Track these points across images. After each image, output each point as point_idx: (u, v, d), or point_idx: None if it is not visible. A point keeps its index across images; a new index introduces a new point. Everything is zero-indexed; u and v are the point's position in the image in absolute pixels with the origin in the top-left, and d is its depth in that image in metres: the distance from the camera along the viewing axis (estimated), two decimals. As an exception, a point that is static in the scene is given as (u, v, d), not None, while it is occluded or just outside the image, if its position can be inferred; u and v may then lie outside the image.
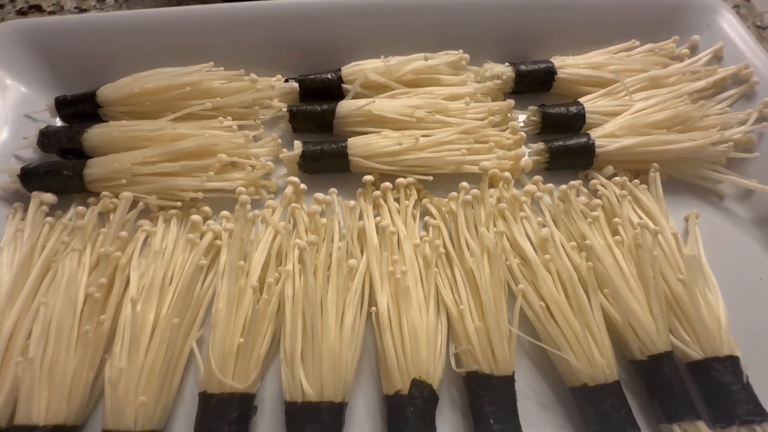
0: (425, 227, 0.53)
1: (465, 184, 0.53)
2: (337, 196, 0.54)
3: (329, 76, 0.63)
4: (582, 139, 0.57)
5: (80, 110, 0.62)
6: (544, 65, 0.64)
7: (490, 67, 0.65)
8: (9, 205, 0.55)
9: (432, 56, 0.63)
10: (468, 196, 0.51)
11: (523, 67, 0.64)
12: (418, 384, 0.42)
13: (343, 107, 0.59)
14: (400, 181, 0.55)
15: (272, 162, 0.59)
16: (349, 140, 0.57)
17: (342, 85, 0.63)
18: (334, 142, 0.57)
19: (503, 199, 0.53)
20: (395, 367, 0.42)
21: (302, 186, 0.55)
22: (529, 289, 0.47)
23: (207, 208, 0.54)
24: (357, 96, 0.61)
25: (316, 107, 0.60)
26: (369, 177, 0.54)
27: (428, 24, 0.66)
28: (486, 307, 0.45)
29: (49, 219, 0.53)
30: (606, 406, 0.41)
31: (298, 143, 0.57)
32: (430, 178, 0.55)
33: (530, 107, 0.62)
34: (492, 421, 0.40)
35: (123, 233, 0.50)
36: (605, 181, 0.56)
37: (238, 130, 0.59)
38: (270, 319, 0.45)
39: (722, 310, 0.46)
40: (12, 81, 0.62)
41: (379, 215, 0.53)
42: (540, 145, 0.58)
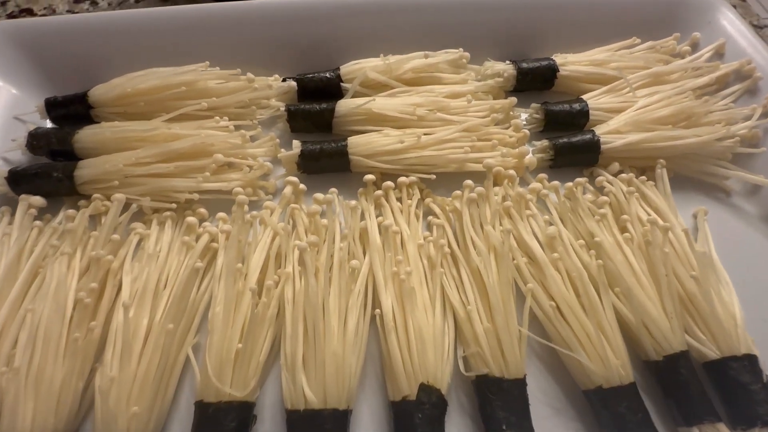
0: (429, 227, 0.52)
1: (469, 182, 0.51)
2: (338, 196, 0.52)
3: (328, 74, 0.62)
4: (587, 136, 0.56)
5: (71, 112, 0.60)
6: (546, 63, 0.63)
7: (491, 65, 0.64)
8: (-4, 209, 0.53)
9: (432, 55, 0.62)
10: (473, 193, 0.50)
11: (524, 65, 0.63)
12: (426, 389, 0.40)
13: (343, 106, 0.58)
14: (402, 180, 0.53)
15: (270, 163, 0.58)
16: (350, 139, 0.55)
17: (341, 84, 0.62)
18: (333, 141, 0.56)
19: (508, 198, 0.52)
20: (401, 372, 0.41)
21: (301, 186, 0.54)
22: (538, 289, 0.45)
23: (203, 210, 0.52)
24: (356, 95, 0.60)
25: (315, 106, 0.59)
26: (370, 176, 0.53)
27: (427, 23, 0.65)
28: (494, 307, 0.43)
29: (38, 223, 0.51)
30: (622, 409, 0.40)
31: (296, 142, 0.56)
32: (433, 176, 0.54)
33: (533, 105, 0.61)
34: (504, 427, 0.39)
35: (115, 236, 0.48)
36: (612, 178, 0.54)
37: (235, 130, 0.57)
38: (269, 323, 0.43)
39: (737, 308, 0.45)
40: (2, 83, 0.61)
41: (381, 215, 0.51)
42: (544, 143, 0.57)
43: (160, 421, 0.41)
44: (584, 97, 0.61)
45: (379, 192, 0.52)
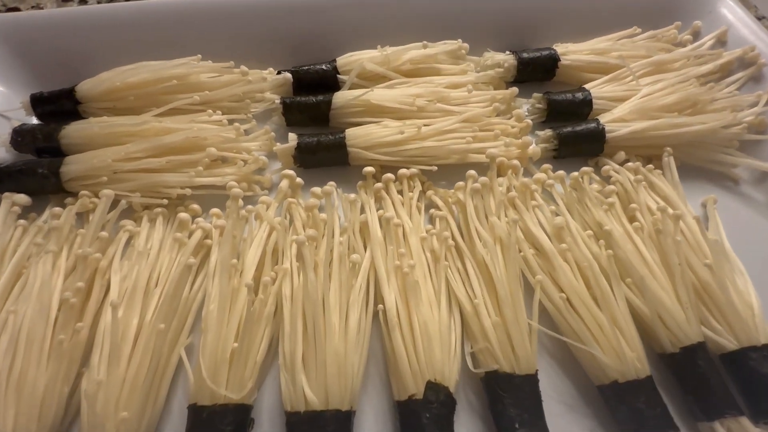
0: (431, 220, 0.50)
1: (473, 172, 0.50)
2: (337, 189, 0.51)
3: (324, 66, 0.60)
4: (591, 125, 0.55)
5: (58, 108, 0.58)
6: (547, 52, 0.62)
7: (490, 55, 0.62)
8: (-22, 208, 0.50)
9: (431, 45, 0.61)
10: (477, 184, 0.48)
11: (525, 55, 0.62)
12: (433, 387, 0.38)
13: (340, 97, 0.56)
14: (403, 172, 0.51)
15: (266, 157, 0.56)
16: (348, 131, 0.54)
17: (338, 76, 0.60)
18: (331, 134, 0.54)
19: (513, 188, 0.50)
20: (407, 370, 0.38)
21: (298, 180, 0.52)
22: (547, 281, 0.43)
23: (196, 206, 0.50)
24: (353, 87, 0.58)
25: (311, 98, 0.57)
26: (370, 168, 0.51)
27: (425, 14, 0.64)
28: (502, 300, 0.41)
29: (22, 222, 0.48)
30: (640, 403, 0.38)
31: (292, 135, 0.54)
32: (435, 168, 0.52)
33: (535, 94, 0.60)
34: (517, 425, 0.36)
35: (103, 233, 0.46)
36: (618, 167, 0.53)
37: (229, 124, 0.55)
38: (267, 322, 0.41)
39: (754, 296, 0.43)
40: (-14, 79, 0.59)
41: (381, 209, 0.49)
42: (548, 132, 0.56)
43: (151, 427, 0.38)
44: (586, 86, 0.60)
45: (379, 185, 0.50)
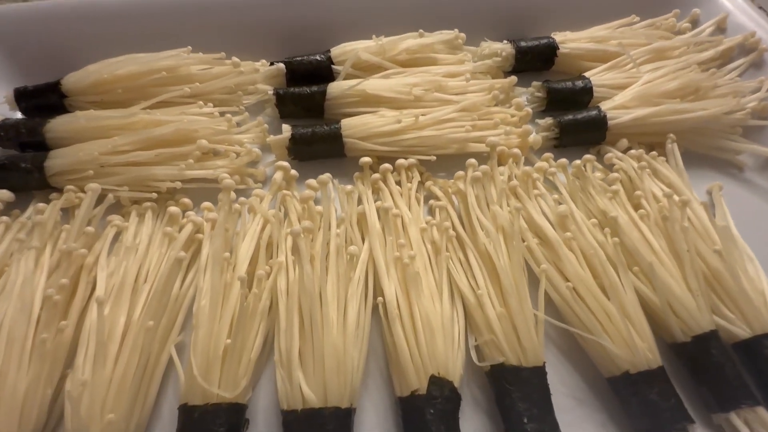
0: (431, 211, 0.48)
1: (473, 160, 0.48)
2: (333, 180, 0.49)
3: (318, 57, 0.59)
4: (593, 112, 0.54)
5: (43, 102, 0.56)
6: (546, 41, 0.61)
7: (488, 45, 0.61)
8: (-42, 205, 0.48)
9: (427, 34, 0.60)
10: (477, 172, 0.47)
11: (523, 44, 0.61)
12: (437, 382, 0.36)
13: (335, 88, 0.55)
14: (401, 162, 0.50)
15: (259, 150, 0.54)
16: (343, 121, 0.52)
17: (332, 66, 0.58)
18: (326, 124, 0.52)
19: (514, 177, 0.49)
20: (409, 364, 0.37)
21: (293, 171, 0.50)
22: (552, 270, 0.42)
23: (186, 200, 0.49)
24: (348, 78, 0.57)
25: (306, 89, 0.56)
26: (366, 159, 0.50)
27: (420, 3, 0.63)
28: (507, 290, 0.39)
29: (5, 218, 0.46)
30: (653, 395, 0.36)
31: (286, 126, 0.53)
32: (433, 158, 0.51)
33: (534, 83, 0.59)
34: (526, 420, 0.35)
35: (89, 228, 0.44)
36: (621, 154, 0.52)
37: (220, 116, 0.53)
38: (261, 317, 0.39)
39: (765, 282, 0.42)
40: (-31, 74, 0.57)
41: (379, 200, 0.48)
42: (548, 120, 0.55)
43: (139, 430, 0.36)
44: (586, 74, 0.58)
45: (377, 176, 0.49)
